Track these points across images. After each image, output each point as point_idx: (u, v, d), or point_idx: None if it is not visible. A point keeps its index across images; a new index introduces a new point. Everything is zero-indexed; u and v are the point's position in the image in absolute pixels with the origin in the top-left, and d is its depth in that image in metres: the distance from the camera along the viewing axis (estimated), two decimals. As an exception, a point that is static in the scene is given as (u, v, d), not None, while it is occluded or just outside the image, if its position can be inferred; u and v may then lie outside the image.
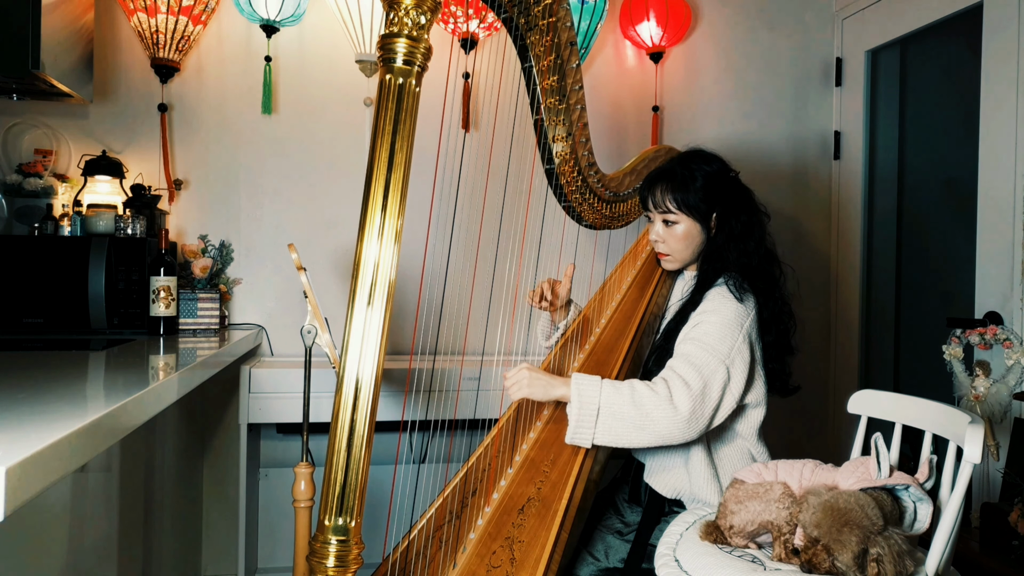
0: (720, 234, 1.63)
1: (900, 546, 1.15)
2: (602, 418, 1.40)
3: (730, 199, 1.62)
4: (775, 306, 1.58)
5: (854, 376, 2.93)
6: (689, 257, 1.68)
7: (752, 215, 1.63)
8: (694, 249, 1.66)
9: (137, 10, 2.31)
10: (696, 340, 1.50)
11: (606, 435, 1.41)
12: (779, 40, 2.96)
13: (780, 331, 1.59)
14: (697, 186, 1.61)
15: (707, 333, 1.49)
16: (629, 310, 1.76)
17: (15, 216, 2.26)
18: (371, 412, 0.99)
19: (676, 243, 1.65)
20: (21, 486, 0.73)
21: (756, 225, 1.63)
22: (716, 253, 1.62)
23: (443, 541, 1.32)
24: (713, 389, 1.45)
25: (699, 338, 1.50)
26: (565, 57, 1.51)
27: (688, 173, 1.62)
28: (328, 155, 2.60)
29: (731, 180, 1.65)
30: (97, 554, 1.53)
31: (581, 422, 1.40)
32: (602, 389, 1.41)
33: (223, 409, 2.54)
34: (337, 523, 0.98)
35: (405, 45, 1.01)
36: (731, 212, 1.61)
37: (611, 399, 1.40)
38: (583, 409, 1.40)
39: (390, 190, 1.01)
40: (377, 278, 1.00)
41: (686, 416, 1.41)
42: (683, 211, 1.62)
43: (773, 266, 1.62)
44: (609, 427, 1.40)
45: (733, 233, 1.60)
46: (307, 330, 1.65)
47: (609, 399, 1.40)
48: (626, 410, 1.40)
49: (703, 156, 1.66)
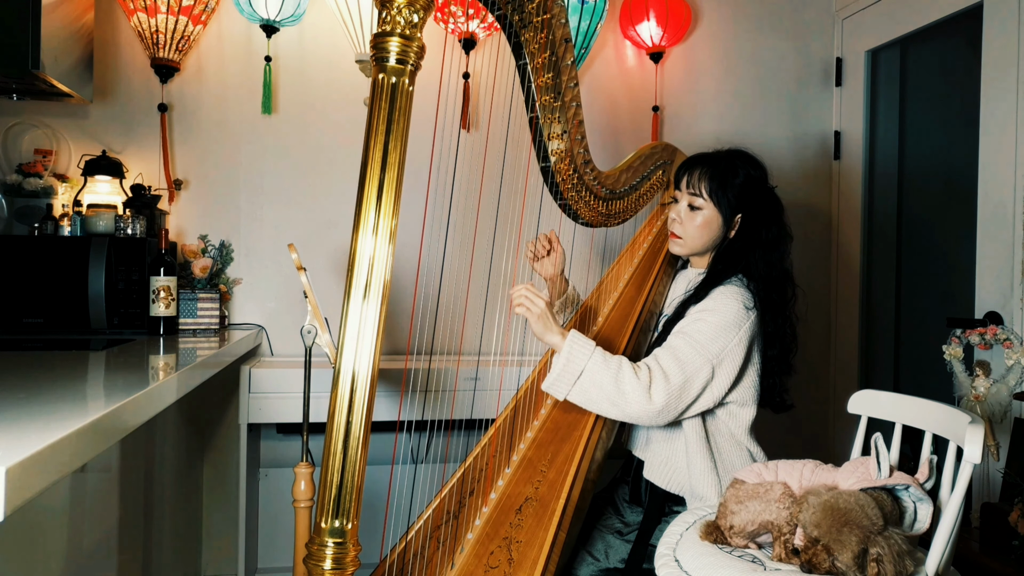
0: (740, 238, 1.63)
1: (900, 546, 1.15)
2: (582, 381, 1.42)
3: (763, 208, 1.63)
4: (782, 323, 1.58)
5: (854, 376, 2.93)
6: (699, 247, 1.68)
7: (782, 229, 1.64)
8: (706, 241, 1.66)
9: (137, 10, 2.31)
10: (688, 335, 1.50)
11: (580, 396, 1.44)
12: (779, 40, 2.96)
13: (782, 348, 1.59)
14: (736, 182, 1.61)
15: (700, 331, 1.50)
16: (626, 307, 1.76)
17: (15, 216, 2.26)
18: (367, 411, 0.99)
19: (693, 229, 1.65)
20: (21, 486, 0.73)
21: (783, 240, 1.64)
22: (734, 255, 1.62)
23: (441, 542, 1.32)
24: (693, 387, 1.46)
25: (691, 334, 1.50)
26: (560, 54, 1.51)
27: (732, 168, 1.62)
28: (328, 155, 2.60)
29: (769, 191, 1.66)
30: (97, 554, 1.53)
31: (561, 377, 1.43)
32: (592, 356, 1.43)
33: (223, 409, 2.54)
34: (334, 525, 0.98)
35: (398, 44, 1.01)
36: (761, 220, 1.62)
37: (596, 367, 1.42)
38: (568, 366, 1.42)
39: (384, 190, 1.01)
40: (372, 275, 1.00)
41: (658, 408, 1.43)
42: (712, 200, 1.62)
43: (787, 285, 1.63)
44: (585, 390, 1.43)
45: (761, 241, 1.61)
46: (307, 330, 1.65)
47: (595, 366, 1.42)
48: (606, 382, 1.42)
49: (751, 160, 1.67)
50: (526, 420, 1.57)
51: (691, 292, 1.63)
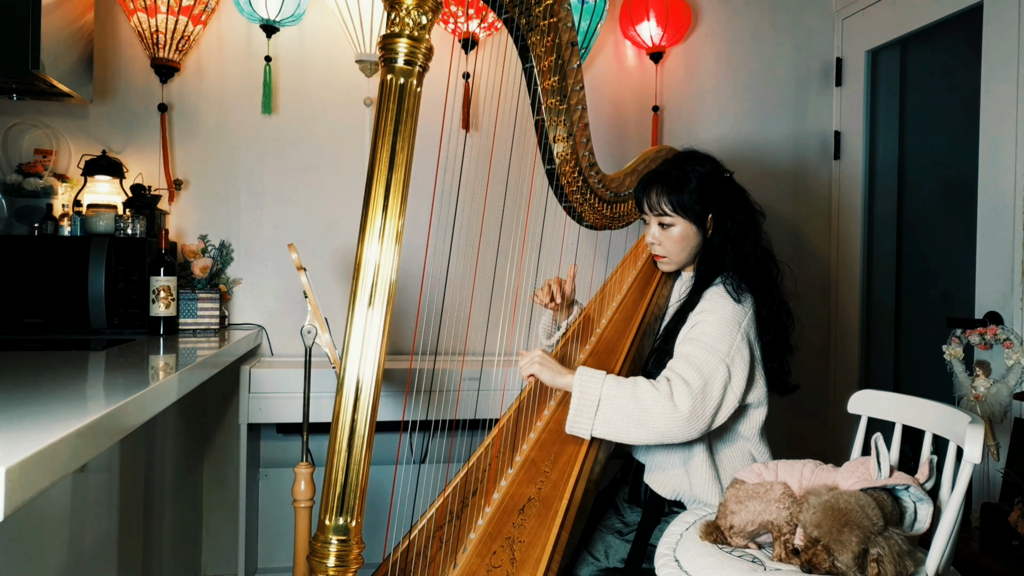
0: (716, 235, 1.62)
1: (900, 546, 1.15)
2: (602, 410, 1.41)
3: (725, 200, 1.62)
4: (773, 305, 1.58)
5: (854, 376, 2.93)
6: (686, 259, 1.68)
7: (747, 215, 1.63)
8: (690, 251, 1.66)
9: (137, 10, 2.31)
10: (695, 340, 1.50)
11: (604, 427, 1.42)
12: (779, 40, 2.96)
13: (778, 330, 1.59)
14: (691, 187, 1.60)
15: (705, 333, 1.50)
16: (629, 311, 1.76)
17: (15, 216, 2.26)
18: (372, 413, 0.99)
19: (672, 245, 1.65)
20: (21, 486, 0.73)
21: (752, 225, 1.63)
22: (713, 254, 1.62)
23: (443, 541, 1.32)
24: (714, 388, 1.45)
25: (698, 338, 1.50)
26: (566, 58, 1.51)
27: (682, 175, 1.62)
28: (328, 155, 2.60)
29: (725, 180, 1.65)
30: (97, 554, 1.53)
31: (580, 411, 1.42)
32: (604, 382, 1.43)
33: (223, 409, 2.54)
34: (338, 523, 0.98)
35: (406, 45, 1.01)
36: (726, 213, 1.61)
37: (612, 392, 1.41)
38: (583, 399, 1.42)
39: (391, 191, 1.01)
40: (378, 280, 1.00)
41: (686, 414, 1.40)
42: (678, 213, 1.61)
43: (770, 265, 1.62)
44: (608, 419, 1.41)
45: (729, 234, 1.60)
46: (307, 330, 1.65)
47: (610, 392, 1.41)
48: (626, 404, 1.40)
49: (696, 157, 1.66)
50: (529, 421, 1.57)
51: (685, 298, 1.64)
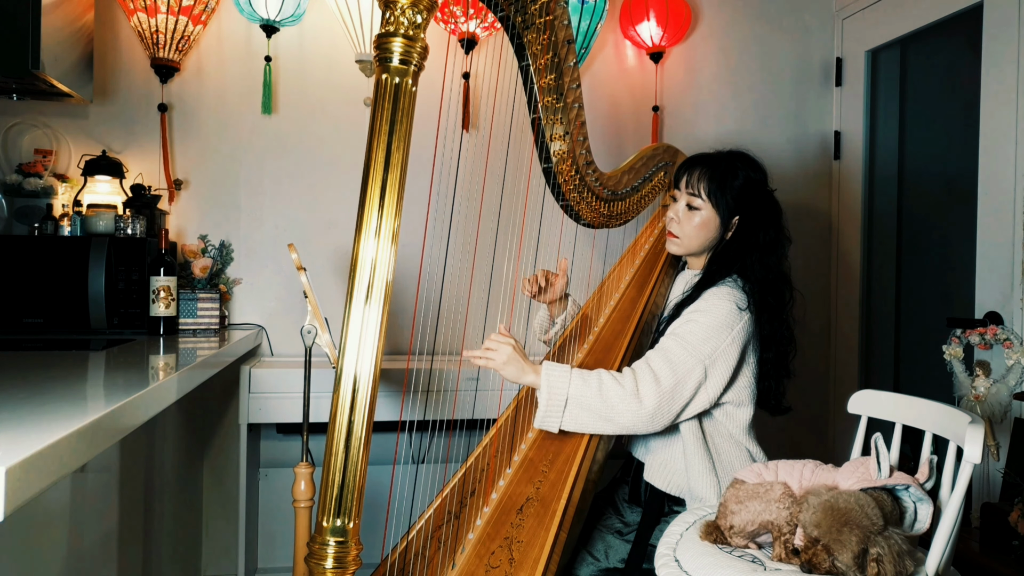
0: (736, 240, 1.62)
1: (900, 546, 1.15)
2: (570, 408, 1.43)
3: (761, 211, 1.62)
4: (779, 326, 1.57)
5: (854, 376, 2.93)
6: (696, 247, 1.67)
7: (779, 232, 1.63)
8: (703, 241, 1.66)
9: (137, 10, 2.31)
10: (679, 336, 1.50)
11: (572, 423, 1.44)
12: (779, 40, 2.96)
13: (779, 352, 1.58)
14: (735, 184, 1.61)
15: (692, 332, 1.50)
16: (627, 309, 1.76)
17: (15, 216, 2.26)
18: (369, 412, 0.99)
19: (691, 228, 1.65)
20: (21, 486, 0.73)
21: (781, 244, 1.63)
22: (730, 257, 1.61)
23: (442, 541, 1.32)
24: (686, 388, 1.46)
25: (683, 335, 1.50)
26: (562, 55, 1.51)
27: (731, 169, 1.62)
28: (328, 155, 2.60)
29: (768, 194, 1.66)
30: (97, 554, 1.53)
31: (550, 410, 1.43)
32: (571, 380, 1.43)
33: (223, 409, 2.54)
34: (335, 524, 0.98)
35: (401, 44, 1.01)
36: (759, 223, 1.61)
37: (579, 391, 1.42)
38: (552, 398, 1.43)
39: (387, 191, 1.01)
40: (374, 278, 1.00)
41: (650, 411, 1.43)
42: (711, 201, 1.62)
43: (785, 288, 1.62)
44: (575, 416, 1.43)
45: (758, 243, 1.60)
46: (307, 330, 1.65)
47: (578, 390, 1.43)
48: (593, 402, 1.42)
49: (751, 162, 1.66)
50: (527, 420, 1.57)
51: (687, 294, 1.63)
